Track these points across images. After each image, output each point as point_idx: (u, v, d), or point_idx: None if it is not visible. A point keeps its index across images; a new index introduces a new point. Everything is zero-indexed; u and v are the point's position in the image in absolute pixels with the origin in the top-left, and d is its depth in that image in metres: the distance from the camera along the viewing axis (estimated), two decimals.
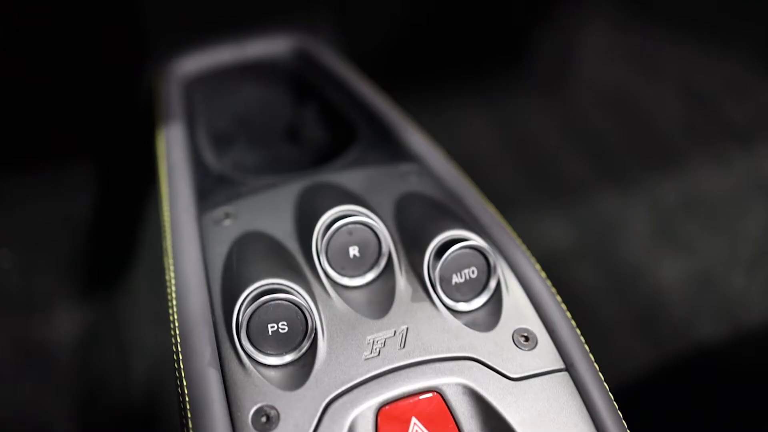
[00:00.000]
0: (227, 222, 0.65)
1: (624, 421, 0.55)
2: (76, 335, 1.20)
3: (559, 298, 0.61)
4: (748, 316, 1.27)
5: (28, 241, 1.29)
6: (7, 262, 1.25)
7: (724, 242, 1.39)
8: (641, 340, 1.24)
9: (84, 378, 1.17)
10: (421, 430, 0.53)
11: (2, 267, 1.25)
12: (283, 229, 0.64)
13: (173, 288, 0.62)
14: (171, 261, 0.64)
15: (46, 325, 1.21)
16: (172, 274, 0.63)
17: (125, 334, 1.21)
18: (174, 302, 0.60)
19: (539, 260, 0.65)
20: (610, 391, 0.57)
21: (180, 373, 0.56)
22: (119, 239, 1.27)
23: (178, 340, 0.58)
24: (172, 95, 0.88)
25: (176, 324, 0.59)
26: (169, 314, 0.61)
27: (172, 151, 0.76)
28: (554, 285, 0.63)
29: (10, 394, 1.16)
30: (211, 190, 0.71)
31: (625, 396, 0.62)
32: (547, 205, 1.42)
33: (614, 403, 0.56)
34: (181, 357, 0.57)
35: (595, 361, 0.58)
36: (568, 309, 0.61)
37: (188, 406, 0.54)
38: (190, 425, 0.53)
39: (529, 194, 1.44)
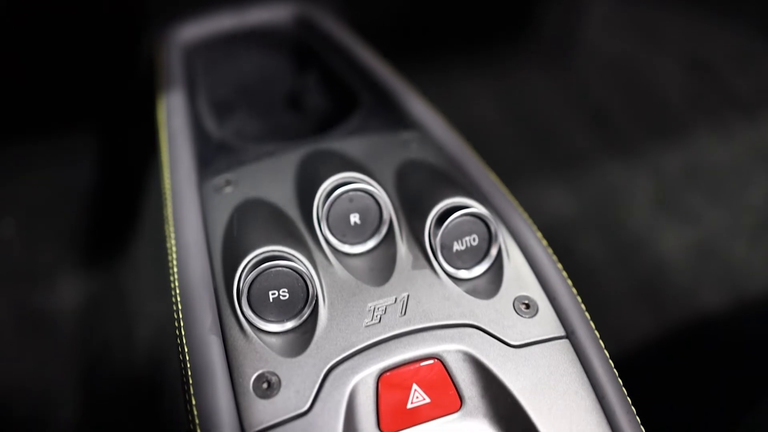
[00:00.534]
0: (228, 189, 0.65)
1: (624, 389, 0.56)
2: (78, 305, 1.20)
3: (560, 266, 0.61)
4: (750, 286, 1.27)
5: (29, 212, 1.29)
6: (9, 232, 1.25)
7: (726, 212, 1.39)
8: (643, 309, 1.24)
9: (87, 347, 1.17)
10: (422, 396, 0.53)
11: (4, 237, 1.25)
12: (284, 197, 0.64)
13: (174, 255, 0.62)
14: (172, 229, 0.64)
15: (49, 295, 1.21)
16: (173, 242, 0.62)
17: (127, 304, 1.21)
18: (175, 270, 0.60)
19: (541, 230, 0.65)
20: (611, 359, 0.57)
21: (181, 340, 0.56)
22: (121, 209, 1.27)
23: (180, 307, 0.58)
24: (173, 63, 0.87)
25: (177, 291, 0.59)
26: (170, 282, 0.61)
27: (173, 119, 0.76)
28: (556, 254, 0.63)
29: (14, 363, 1.17)
30: (211, 157, 0.70)
31: (626, 364, 0.62)
32: (549, 174, 1.42)
33: (615, 370, 0.56)
34: (182, 324, 0.57)
35: (596, 329, 0.58)
36: (570, 278, 0.61)
37: (190, 373, 0.54)
38: (192, 391, 0.53)
39: (532, 164, 1.44)
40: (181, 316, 0.57)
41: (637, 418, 0.54)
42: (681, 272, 1.29)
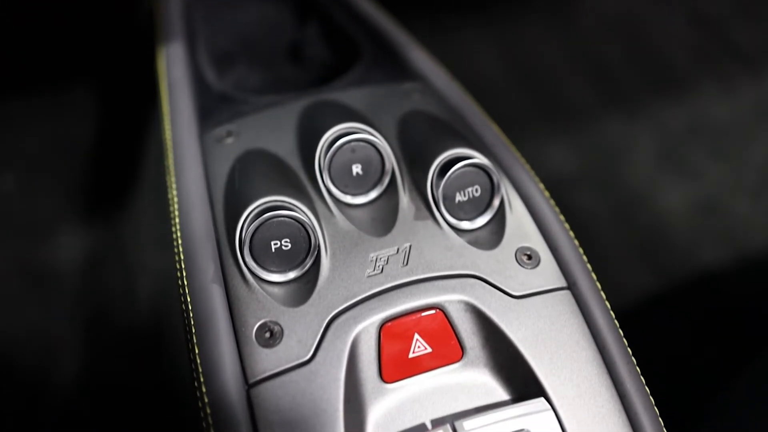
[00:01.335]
0: (229, 140, 0.65)
1: (624, 339, 0.56)
2: (80, 258, 1.21)
3: (562, 217, 0.61)
4: (750, 242, 1.27)
5: (29, 165, 1.29)
6: (9, 186, 1.25)
7: (728, 168, 1.39)
8: (643, 265, 1.25)
9: (89, 299, 1.18)
10: (424, 346, 0.53)
11: (4, 191, 1.25)
12: (285, 148, 0.63)
13: (176, 206, 0.61)
14: (173, 179, 0.63)
15: (50, 249, 1.21)
16: (175, 192, 0.62)
17: (129, 257, 1.22)
18: (177, 220, 0.60)
19: (543, 185, 0.65)
20: (611, 311, 0.57)
21: (184, 290, 0.57)
22: (121, 162, 1.27)
23: (182, 257, 0.58)
24: (172, 13, 0.86)
25: (179, 241, 0.59)
26: (172, 232, 0.61)
27: (173, 70, 0.75)
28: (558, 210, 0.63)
29: (17, 315, 1.18)
30: (212, 108, 0.70)
31: (626, 318, 0.62)
32: (551, 130, 1.41)
33: (615, 321, 0.56)
34: (184, 274, 0.57)
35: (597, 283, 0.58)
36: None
37: (192, 322, 0.55)
38: (195, 340, 0.54)
39: (533, 120, 1.43)
40: (183, 266, 0.57)
41: (637, 368, 0.55)
42: (682, 228, 1.29)
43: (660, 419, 0.53)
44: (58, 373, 1.12)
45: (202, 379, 0.52)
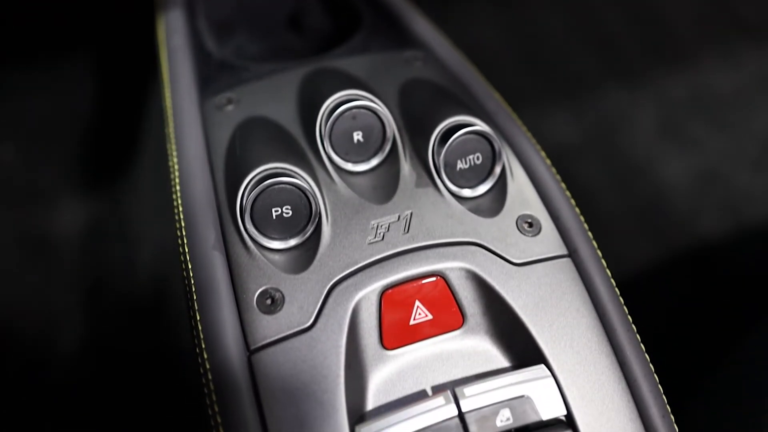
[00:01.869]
0: (230, 107, 0.64)
1: (625, 307, 0.56)
2: (80, 227, 1.21)
3: (563, 185, 0.61)
4: (751, 213, 1.27)
5: (29, 135, 1.28)
6: (9, 155, 1.25)
7: (730, 139, 1.38)
8: (644, 235, 1.25)
9: (90, 269, 1.18)
10: (425, 313, 0.53)
11: (5, 161, 1.25)
12: (286, 115, 0.63)
13: (176, 174, 0.61)
14: (173, 146, 0.63)
15: (51, 219, 1.22)
16: (175, 160, 0.62)
17: (129, 227, 1.22)
18: (177, 187, 0.60)
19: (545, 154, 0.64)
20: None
21: (185, 257, 0.57)
22: (122, 131, 1.27)
23: (182, 224, 0.58)
24: None
25: (180, 209, 0.59)
26: (172, 200, 0.61)
27: (172, 38, 0.75)
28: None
29: (17, 286, 1.18)
30: (213, 76, 0.70)
31: (626, 286, 0.62)
32: (553, 100, 1.41)
33: (616, 289, 0.56)
34: (185, 241, 0.57)
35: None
36: None
37: (194, 289, 0.55)
38: (196, 307, 0.54)
39: (534, 89, 1.43)
40: (184, 233, 0.57)
41: (638, 336, 0.55)
42: (682, 198, 1.29)
43: (659, 386, 0.53)
44: (60, 342, 1.13)
45: (203, 346, 0.53)
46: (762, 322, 0.84)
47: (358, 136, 0.59)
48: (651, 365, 0.54)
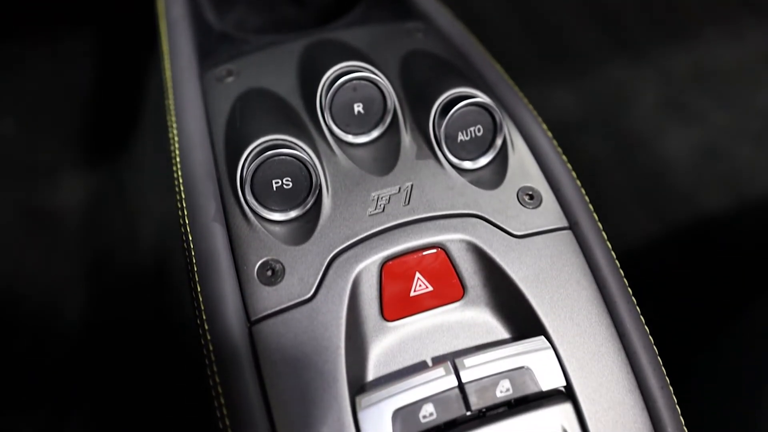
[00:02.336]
0: (230, 79, 0.64)
1: (625, 280, 0.56)
2: (82, 202, 1.21)
3: (564, 158, 0.61)
4: (753, 188, 1.27)
5: (30, 109, 1.28)
6: (10, 130, 1.25)
7: (733, 114, 1.38)
8: (645, 209, 1.25)
9: (91, 243, 1.18)
10: (425, 284, 0.53)
11: (5, 135, 1.25)
12: (286, 86, 0.63)
13: (176, 145, 0.61)
14: (173, 119, 0.63)
15: (52, 193, 1.22)
16: (175, 132, 0.62)
17: (130, 200, 1.22)
18: (177, 159, 0.60)
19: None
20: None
21: (185, 229, 0.57)
22: (122, 105, 1.26)
23: (183, 196, 0.58)
24: None
25: (180, 180, 0.59)
26: (173, 172, 0.61)
27: (172, 9, 0.74)
28: None
29: (20, 259, 1.18)
30: (212, 48, 0.69)
31: (627, 260, 0.62)
32: (555, 74, 1.40)
33: (616, 262, 0.56)
34: (186, 213, 0.57)
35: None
36: None
37: (194, 261, 0.55)
38: (197, 279, 0.54)
39: (536, 62, 1.42)
40: (184, 204, 0.57)
41: (638, 308, 0.55)
42: (684, 173, 1.29)
43: (659, 358, 0.53)
44: (63, 314, 1.13)
45: (204, 317, 0.53)
46: (762, 296, 0.84)
47: (358, 107, 0.59)
48: (650, 337, 0.54)
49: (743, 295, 0.88)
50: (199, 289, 0.54)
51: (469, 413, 0.48)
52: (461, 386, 0.48)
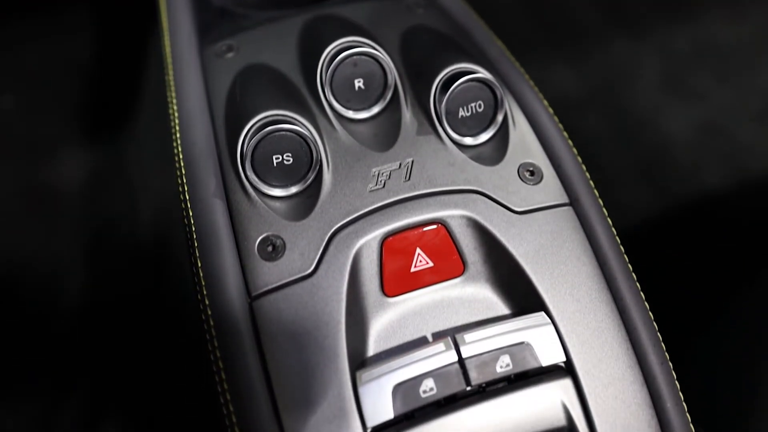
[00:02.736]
0: (230, 55, 0.64)
1: (625, 256, 0.56)
2: (82, 178, 1.21)
3: (566, 134, 0.61)
4: (754, 165, 1.27)
5: (30, 85, 1.27)
6: (9, 105, 1.24)
7: (734, 92, 1.37)
8: (646, 187, 1.25)
9: (92, 219, 1.18)
10: (425, 260, 0.53)
11: (5, 111, 1.24)
12: (287, 62, 0.62)
13: (176, 121, 0.61)
14: (173, 94, 0.63)
15: (52, 169, 1.21)
16: (175, 108, 0.62)
17: (131, 176, 1.22)
18: (178, 135, 0.60)
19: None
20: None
21: (186, 204, 0.57)
22: (122, 80, 1.26)
23: (183, 171, 0.58)
24: None
25: (181, 156, 0.59)
26: (173, 147, 0.61)
27: None
28: None
29: (21, 236, 1.18)
30: (212, 23, 0.69)
31: (627, 237, 0.62)
32: (556, 52, 1.40)
33: (617, 238, 0.56)
34: (186, 188, 0.57)
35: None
36: None
37: (195, 236, 0.55)
38: (198, 254, 0.54)
39: (538, 41, 1.41)
40: (185, 180, 0.57)
41: (638, 284, 0.55)
42: (685, 151, 1.28)
43: (658, 334, 0.53)
44: (63, 290, 1.13)
45: (205, 292, 0.53)
46: (762, 273, 0.84)
47: (359, 83, 0.58)
48: (650, 313, 0.54)
49: (744, 271, 0.88)
50: (199, 265, 0.54)
51: (469, 388, 0.48)
52: (461, 361, 0.48)
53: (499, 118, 0.58)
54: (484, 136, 0.59)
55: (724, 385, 0.70)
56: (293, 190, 0.55)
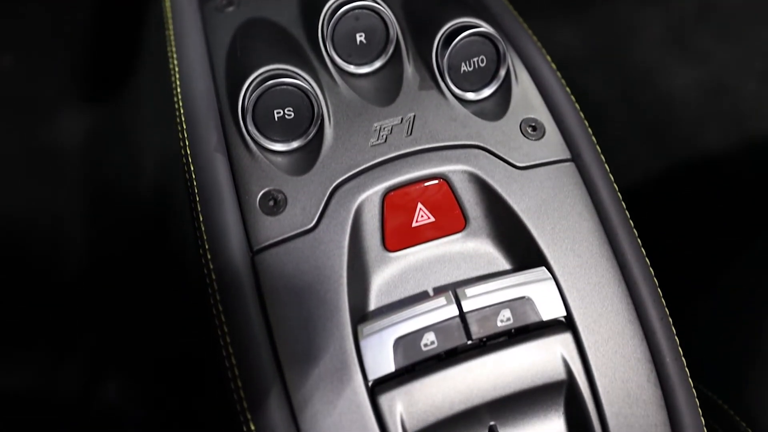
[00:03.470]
0: (230, 9, 0.63)
1: (627, 212, 0.56)
2: (82, 137, 1.20)
3: (568, 89, 0.60)
4: (757, 124, 1.26)
5: (30, 45, 1.26)
6: (9, 66, 1.23)
7: (738, 51, 1.36)
8: (648, 145, 1.24)
9: (93, 178, 1.18)
10: (427, 215, 0.53)
11: (4, 71, 1.24)
12: (287, 16, 0.62)
13: (177, 76, 0.61)
14: (174, 49, 0.62)
15: (53, 128, 1.21)
16: (176, 62, 0.61)
17: (132, 135, 1.21)
18: (178, 90, 0.60)
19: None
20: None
21: (187, 159, 0.56)
22: (121, 37, 1.25)
23: (184, 126, 0.57)
24: None
25: (182, 111, 0.58)
26: (174, 103, 0.61)
27: None
28: None
29: (22, 194, 1.18)
30: None
31: (629, 194, 0.62)
32: (559, 10, 1.38)
33: (618, 194, 0.56)
34: (187, 143, 0.57)
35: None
36: None
37: (196, 191, 0.55)
38: (199, 209, 0.54)
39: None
40: (186, 135, 0.57)
41: (638, 240, 0.55)
42: (688, 110, 1.28)
43: (659, 290, 0.54)
44: (66, 248, 1.14)
45: (207, 247, 0.53)
46: (762, 231, 0.84)
47: (360, 37, 0.58)
48: (651, 269, 0.54)
49: (744, 229, 0.89)
50: (201, 219, 0.54)
51: (469, 342, 0.49)
52: (462, 316, 0.49)
53: (502, 73, 0.58)
54: (487, 91, 0.58)
55: (724, 343, 0.70)
56: (294, 144, 0.55)
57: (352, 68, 0.59)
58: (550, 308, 0.50)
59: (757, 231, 0.84)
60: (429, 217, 0.53)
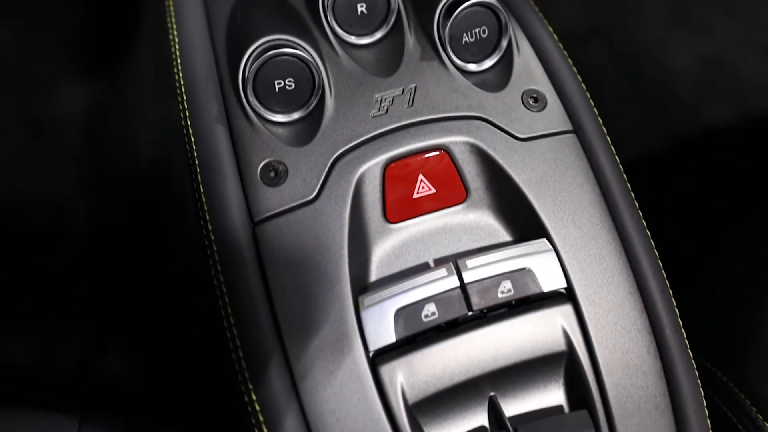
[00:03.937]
0: None
1: (628, 184, 0.56)
2: (81, 110, 1.20)
3: (570, 61, 0.60)
4: (759, 100, 1.26)
5: (29, 18, 1.26)
6: (7, 39, 1.23)
7: (740, 26, 1.35)
8: (649, 120, 1.24)
9: (92, 152, 1.18)
10: (428, 187, 0.53)
11: (2, 44, 1.23)
12: None
13: (176, 46, 0.60)
14: (173, 19, 0.62)
15: (52, 101, 1.21)
16: (175, 33, 0.61)
17: (131, 108, 1.21)
18: (179, 60, 0.59)
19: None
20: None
21: (187, 131, 0.56)
22: (121, 10, 1.24)
23: (184, 97, 0.57)
24: None
25: (182, 82, 0.58)
26: (174, 74, 0.60)
27: None
28: None
29: (21, 167, 1.18)
30: None
31: (630, 168, 0.62)
32: None
33: (620, 166, 0.56)
34: (187, 114, 0.56)
35: None
36: None
37: (197, 162, 0.55)
38: (200, 180, 0.54)
39: None
40: (186, 106, 0.57)
41: (639, 212, 0.55)
42: (690, 85, 1.27)
43: (659, 262, 0.54)
44: (65, 222, 1.14)
45: (207, 218, 0.53)
46: (763, 205, 0.84)
47: (362, 7, 0.57)
48: (652, 241, 0.54)
49: (745, 204, 0.88)
50: (202, 190, 0.54)
51: (470, 313, 0.49)
52: (463, 287, 0.49)
53: (504, 43, 0.58)
54: (488, 62, 0.58)
55: (724, 316, 0.70)
56: (295, 115, 0.55)
57: (353, 39, 0.58)
58: (550, 280, 0.50)
59: (759, 204, 0.84)
60: (430, 189, 0.53)
